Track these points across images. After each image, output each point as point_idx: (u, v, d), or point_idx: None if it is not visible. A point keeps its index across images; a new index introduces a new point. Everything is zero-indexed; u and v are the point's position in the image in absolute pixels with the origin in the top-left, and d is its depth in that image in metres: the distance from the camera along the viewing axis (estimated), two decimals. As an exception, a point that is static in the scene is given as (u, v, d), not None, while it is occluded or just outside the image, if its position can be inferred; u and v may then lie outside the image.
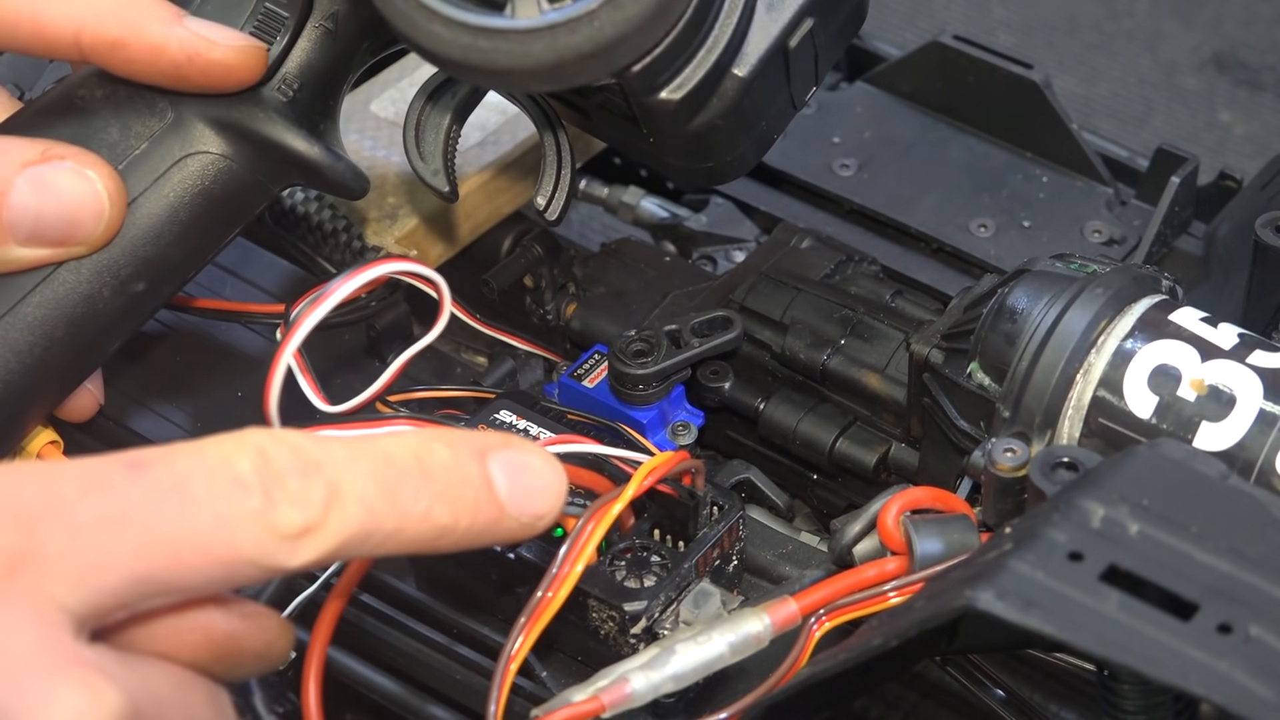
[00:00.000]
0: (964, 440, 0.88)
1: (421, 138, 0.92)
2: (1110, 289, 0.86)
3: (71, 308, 0.85)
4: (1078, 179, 1.12)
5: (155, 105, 0.86)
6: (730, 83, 0.88)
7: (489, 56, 0.79)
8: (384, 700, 0.88)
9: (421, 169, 0.91)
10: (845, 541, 0.86)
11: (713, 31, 0.86)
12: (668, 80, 0.86)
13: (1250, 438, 0.82)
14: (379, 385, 0.89)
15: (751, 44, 0.87)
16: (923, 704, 0.92)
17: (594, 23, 0.79)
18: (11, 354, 0.84)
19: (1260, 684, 0.68)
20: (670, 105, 0.86)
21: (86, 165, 0.84)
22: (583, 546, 0.82)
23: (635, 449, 0.89)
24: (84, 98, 0.86)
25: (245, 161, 0.87)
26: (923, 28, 1.15)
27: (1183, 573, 0.72)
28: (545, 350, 1.04)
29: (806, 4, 0.88)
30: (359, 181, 0.90)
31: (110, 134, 0.86)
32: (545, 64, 0.79)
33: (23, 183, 0.83)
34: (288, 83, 0.87)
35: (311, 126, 0.88)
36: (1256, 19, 1.56)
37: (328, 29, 0.88)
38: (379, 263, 0.86)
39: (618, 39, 0.79)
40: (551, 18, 0.78)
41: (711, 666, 0.80)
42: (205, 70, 0.84)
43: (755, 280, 1.01)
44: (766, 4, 0.88)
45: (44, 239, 0.84)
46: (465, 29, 0.79)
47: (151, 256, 0.86)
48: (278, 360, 0.83)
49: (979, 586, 0.72)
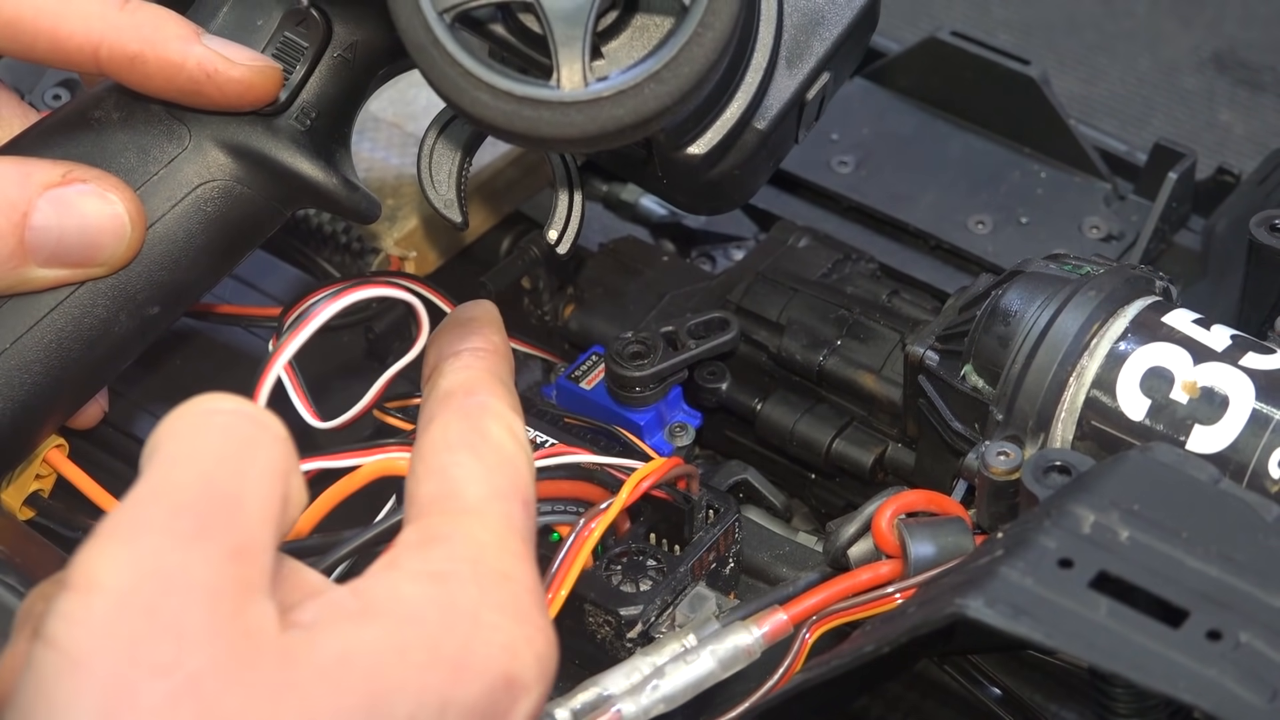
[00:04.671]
0: (959, 442, 0.89)
1: (434, 168, 0.92)
2: (1103, 291, 0.86)
3: (88, 330, 0.85)
4: (1076, 175, 1.12)
5: (173, 130, 0.87)
6: (750, 135, 0.89)
7: (533, 125, 0.79)
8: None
9: (435, 199, 0.92)
10: (840, 544, 0.87)
11: (738, 91, 0.87)
12: (695, 137, 0.87)
13: (1243, 440, 0.82)
14: (367, 399, 0.89)
15: (771, 98, 0.88)
16: (922, 703, 0.92)
17: (638, 96, 0.79)
18: (27, 373, 0.85)
19: (1249, 691, 0.68)
20: (695, 160, 0.88)
21: (108, 188, 0.84)
22: (578, 551, 0.82)
23: (632, 451, 0.90)
24: (101, 119, 0.87)
25: (262, 189, 0.87)
26: (923, 28, 1.15)
27: (1173, 579, 0.72)
28: (543, 351, 1.04)
29: (824, 60, 0.89)
30: (373, 208, 0.91)
31: (128, 157, 0.86)
32: (587, 134, 0.79)
33: (45, 204, 0.83)
34: (305, 112, 0.88)
35: (328, 155, 0.89)
36: (1256, 19, 1.56)
37: (345, 59, 0.88)
38: (363, 285, 0.86)
39: (662, 111, 0.79)
40: (596, 90, 0.79)
41: (703, 684, 0.80)
42: (223, 88, 0.85)
43: (752, 281, 1.01)
44: (786, 59, 0.88)
45: (65, 260, 0.84)
46: (511, 98, 0.79)
47: (167, 280, 0.87)
48: (265, 377, 0.83)
49: (969, 594, 0.72)
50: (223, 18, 0.87)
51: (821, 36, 0.89)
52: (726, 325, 0.97)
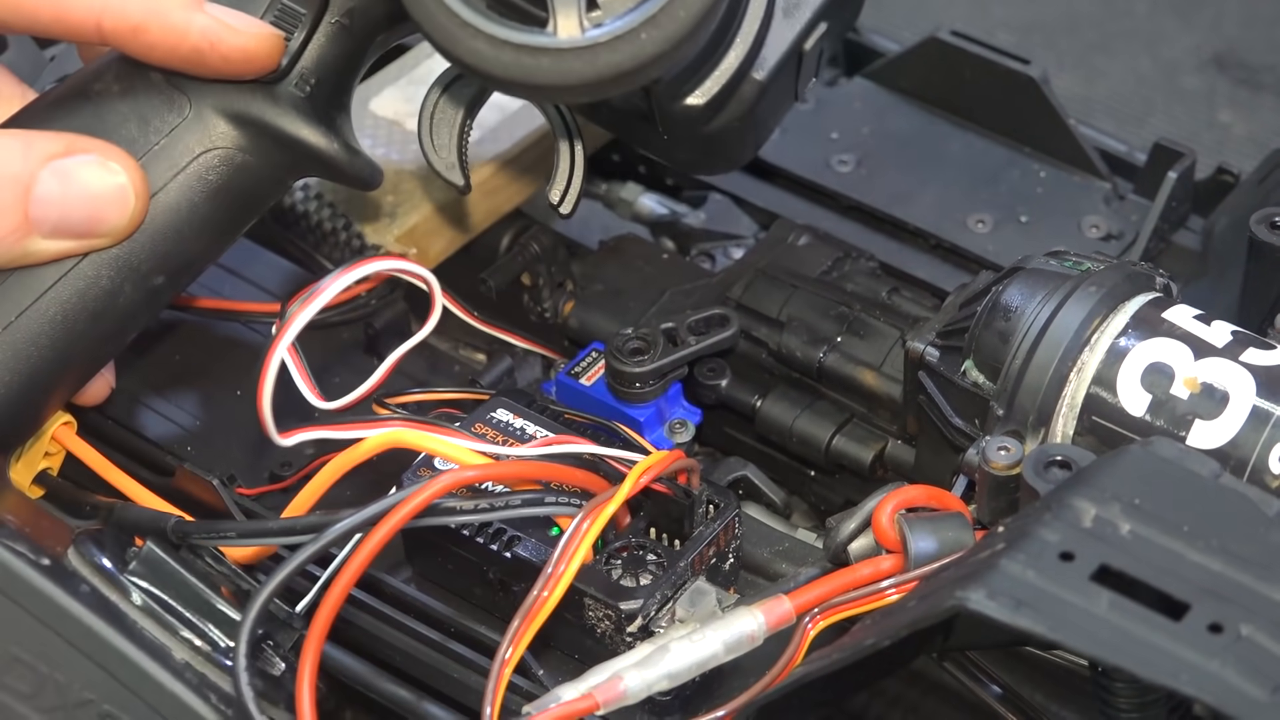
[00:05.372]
0: (959, 438, 0.89)
1: (435, 130, 0.92)
2: (1104, 286, 0.86)
3: (92, 301, 0.86)
4: (1075, 174, 1.12)
5: (174, 100, 0.87)
6: (749, 86, 0.89)
7: (531, 73, 0.79)
8: (382, 699, 0.88)
9: (436, 162, 0.92)
10: (840, 539, 0.87)
11: (736, 39, 0.87)
12: (693, 87, 0.87)
13: (1243, 435, 0.82)
14: (373, 382, 0.90)
15: (769, 48, 0.89)
16: (922, 701, 0.92)
17: (635, 41, 0.79)
18: (34, 346, 0.85)
19: (1251, 684, 0.68)
20: (695, 110, 0.88)
21: (110, 158, 0.85)
22: (578, 545, 0.82)
23: (632, 447, 0.90)
24: (101, 91, 0.87)
25: (264, 156, 0.87)
26: (923, 28, 1.15)
27: (1174, 572, 0.72)
28: (543, 348, 1.04)
29: (821, 9, 0.89)
30: (375, 174, 0.91)
31: (129, 128, 0.86)
32: (586, 80, 0.80)
33: (48, 176, 0.83)
34: (304, 78, 0.88)
35: (328, 121, 0.89)
36: (1256, 19, 1.56)
37: (343, 24, 0.88)
38: (372, 260, 0.87)
39: (658, 56, 0.79)
40: (594, 35, 0.79)
41: (706, 665, 0.80)
42: (226, 56, 0.85)
43: (752, 277, 1.01)
44: (783, 9, 0.89)
45: (69, 231, 0.84)
46: (508, 46, 0.79)
47: (171, 250, 0.87)
48: (271, 355, 0.83)
49: (970, 587, 0.72)
50: None
51: None
52: (726, 321, 0.97)
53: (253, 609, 0.79)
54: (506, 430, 0.91)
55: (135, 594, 0.81)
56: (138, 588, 0.82)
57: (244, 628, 0.79)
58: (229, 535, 0.85)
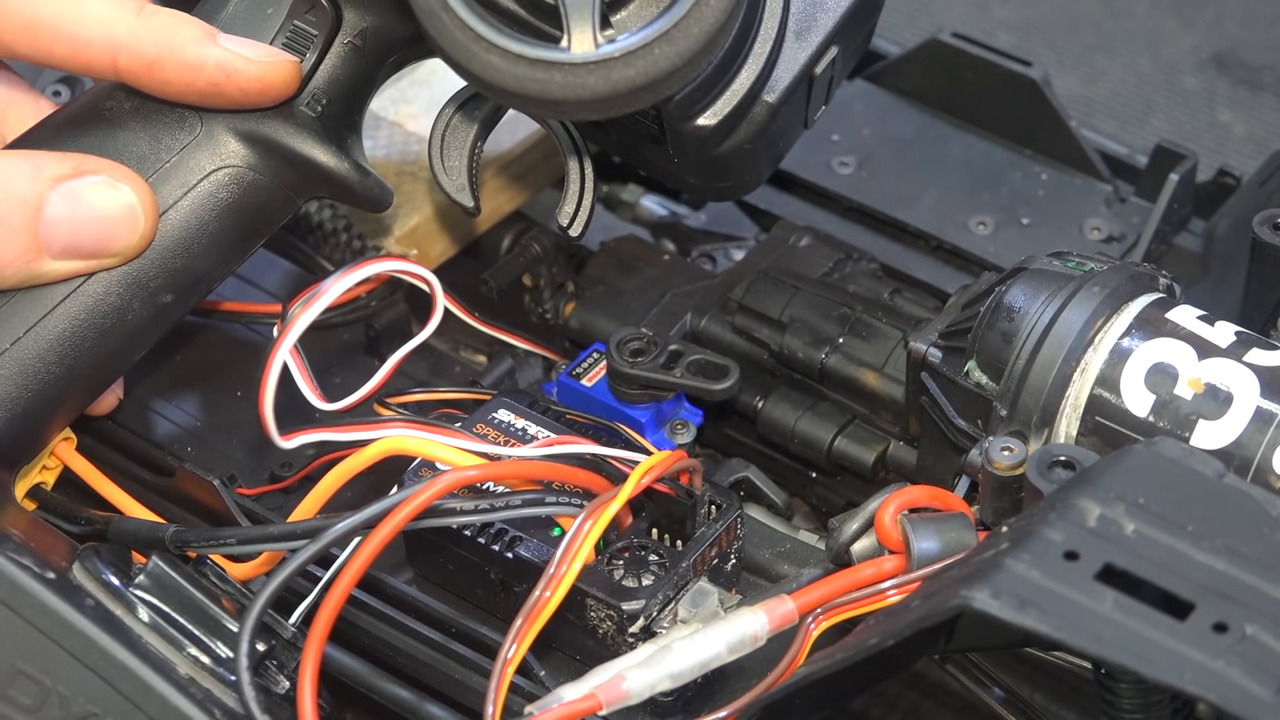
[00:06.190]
0: (962, 439, 0.88)
1: (446, 151, 0.92)
2: (1107, 287, 0.86)
3: (101, 318, 0.86)
4: (1077, 176, 1.12)
5: (184, 118, 0.87)
6: (760, 109, 0.89)
7: (545, 88, 0.80)
8: (384, 700, 0.88)
9: (447, 184, 0.92)
10: (843, 540, 0.86)
11: (748, 60, 0.87)
12: (705, 107, 0.87)
13: (1247, 435, 0.82)
14: (374, 383, 0.90)
15: (780, 71, 0.89)
16: (923, 703, 0.92)
17: (649, 56, 0.80)
18: (41, 362, 0.85)
19: (1256, 683, 0.68)
20: (705, 131, 0.88)
21: (119, 179, 0.85)
22: (580, 546, 0.82)
23: (633, 448, 0.90)
24: (112, 109, 0.87)
25: (274, 175, 0.87)
26: (923, 28, 1.15)
27: (1179, 572, 0.72)
28: (544, 349, 1.04)
29: (833, 33, 0.89)
30: (385, 195, 0.91)
31: (140, 146, 0.86)
32: (599, 95, 0.80)
33: (57, 198, 0.83)
34: (316, 98, 0.88)
35: (339, 141, 0.89)
36: (1256, 19, 1.56)
37: (355, 45, 0.88)
38: (373, 261, 0.87)
39: (670, 72, 0.80)
40: (607, 51, 0.79)
41: (708, 665, 0.80)
42: (243, 88, 0.85)
43: (754, 278, 1.01)
44: (795, 32, 0.89)
45: (79, 252, 0.84)
46: (523, 61, 0.79)
47: (180, 268, 0.87)
48: (273, 357, 0.83)
49: (975, 586, 0.72)
50: (233, 7, 0.87)
51: (829, 8, 0.89)
52: (725, 374, 0.95)
53: (253, 609, 0.79)
54: (508, 431, 0.91)
55: (140, 608, 0.81)
56: (143, 602, 0.81)
57: (245, 628, 0.79)
58: (229, 542, 0.85)
